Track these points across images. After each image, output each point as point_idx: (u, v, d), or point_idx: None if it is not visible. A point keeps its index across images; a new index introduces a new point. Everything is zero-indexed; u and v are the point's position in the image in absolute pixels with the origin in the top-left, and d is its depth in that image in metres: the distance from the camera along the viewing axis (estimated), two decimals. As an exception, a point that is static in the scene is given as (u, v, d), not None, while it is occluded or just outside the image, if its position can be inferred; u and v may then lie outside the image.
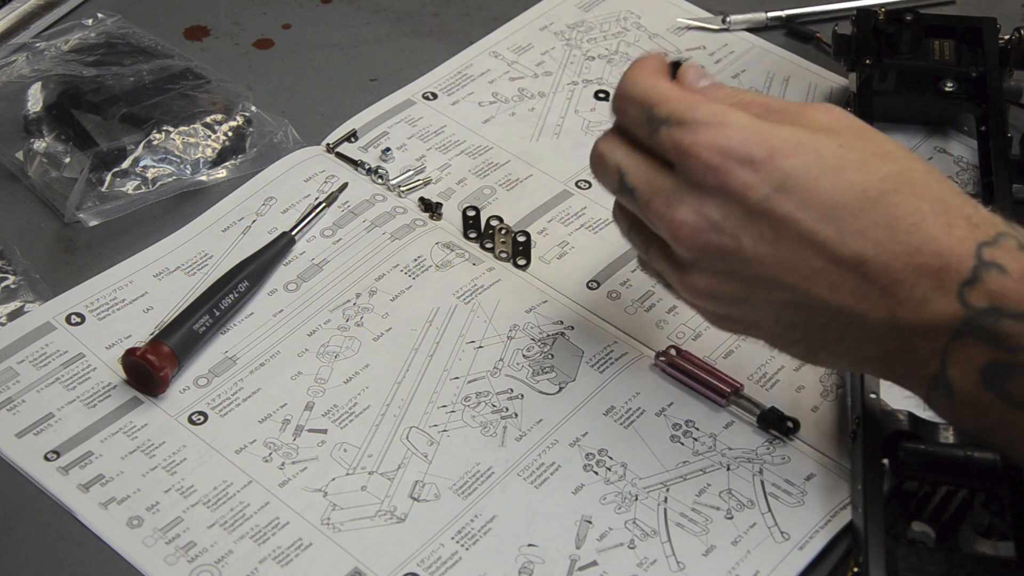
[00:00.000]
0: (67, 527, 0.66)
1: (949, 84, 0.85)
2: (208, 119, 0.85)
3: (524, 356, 0.74)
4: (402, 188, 0.84)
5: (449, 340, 0.75)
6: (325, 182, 0.84)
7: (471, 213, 0.80)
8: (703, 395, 0.72)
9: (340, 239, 0.81)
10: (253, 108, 0.86)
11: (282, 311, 0.76)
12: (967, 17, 0.88)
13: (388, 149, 0.86)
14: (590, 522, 0.67)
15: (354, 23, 0.97)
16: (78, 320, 0.75)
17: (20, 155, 0.84)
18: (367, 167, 0.85)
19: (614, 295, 0.78)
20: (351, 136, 0.87)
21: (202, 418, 0.71)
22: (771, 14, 0.96)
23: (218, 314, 0.74)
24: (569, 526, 0.66)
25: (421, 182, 0.84)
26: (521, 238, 0.79)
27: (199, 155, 0.84)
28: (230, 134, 0.85)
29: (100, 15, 0.92)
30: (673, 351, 0.74)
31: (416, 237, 0.81)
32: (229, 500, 0.67)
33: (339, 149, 0.86)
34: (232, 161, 0.85)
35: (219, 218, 0.82)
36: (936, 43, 0.86)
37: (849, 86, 0.87)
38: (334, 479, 0.68)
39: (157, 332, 0.73)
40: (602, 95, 0.90)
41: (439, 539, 0.66)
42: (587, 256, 0.80)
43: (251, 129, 0.86)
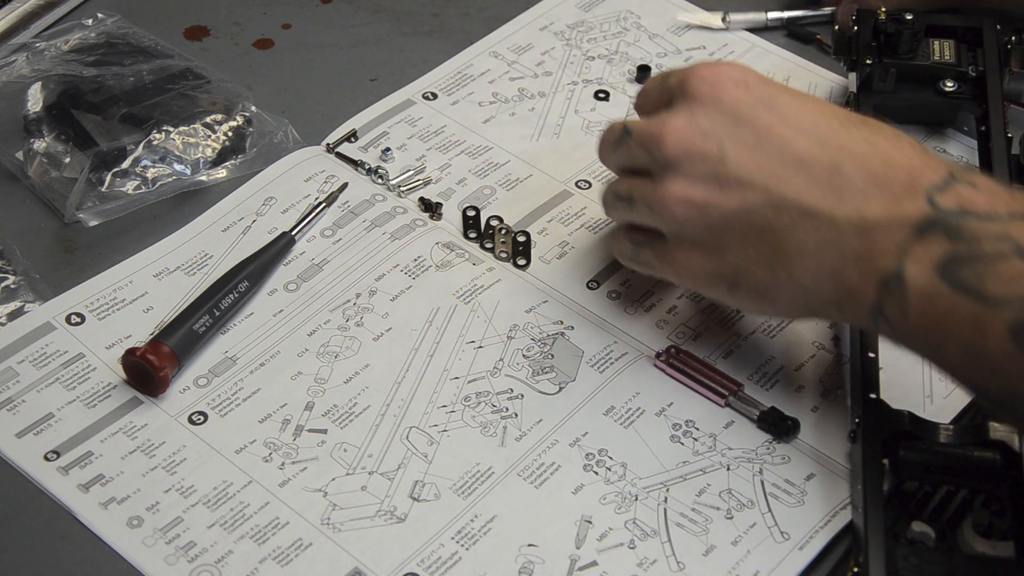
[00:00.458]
0: (67, 527, 0.66)
1: (949, 84, 0.85)
2: (208, 119, 0.85)
3: (524, 356, 0.74)
4: (402, 188, 0.84)
5: (449, 340, 0.75)
6: (325, 182, 0.84)
7: (471, 213, 0.80)
8: (703, 395, 0.72)
9: (340, 239, 0.81)
10: (253, 108, 0.86)
11: (282, 311, 0.76)
12: (967, 17, 0.88)
13: (388, 149, 0.86)
14: (590, 522, 0.67)
15: (354, 23, 0.97)
16: (78, 320, 0.75)
17: (20, 155, 0.84)
18: (367, 167, 0.85)
19: (614, 295, 0.78)
20: (351, 136, 0.87)
21: (202, 418, 0.71)
22: (772, 15, 0.96)
23: (218, 314, 0.74)
24: (569, 526, 0.66)
25: (421, 182, 0.84)
26: (521, 238, 0.79)
27: (199, 155, 0.84)
28: (230, 134, 0.85)
29: (100, 15, 0.92)
30: (673, 351, 0.74)
31: (416, 237, 0.81)
32: (229, 500, 0.67)
33: (339, 149, 0.86)
34: (232, 161, 0.85)
35: (219, 218, 0.82)
36: (936, 43, 0.86)
37: (849, 86, 0.87)
38: (334, 479, 0.68)
39: (157, 332, 0.73)
40: (602, 95, 0.90)
41: (439, 539, 0.66)
42: (587, 256, 0.80)
43: (251, 129, 0.86)
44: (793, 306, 0.65)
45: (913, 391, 0.72)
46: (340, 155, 0.86)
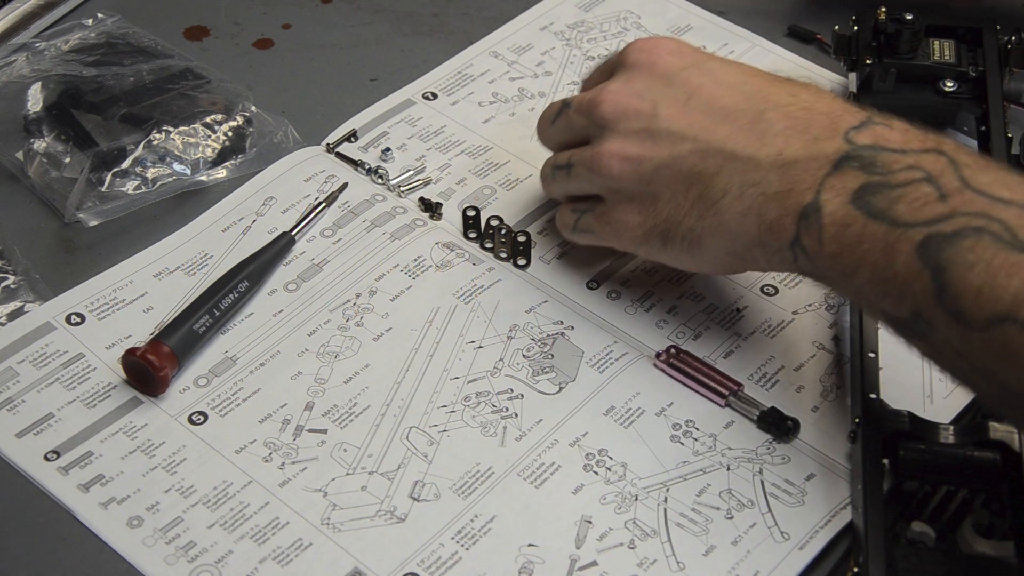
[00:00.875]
0: (67, 527, 0.66)
1: (949, 84, 0.85)
2: (208, 119, 0.85)
3: (524, 356, 0.74)
4: (402, 188, 0.84)
5: (449, 340, 0.75)
6: (325, 182, 0.84)
7: (471, 213, 0.80)
8: (703, 395, 0.72)
9: (340, 239, 0.81)
10: (253, 108, 0.86)
11: (282, 311, 0.76)
12: (967, 17, 0.88)
13: (388, 149, 0.86)
14: (590, 522, 0.67)
15: (354, 23, 0.97)
16: (78, 320, 0.75)
17: (20, 155, 0.84)
18: (367, 167, 0.85)
19: (614, 295, 0.78)
20: (351, 136, 0.87)
21: (202, 418, 0.71)
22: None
23: (218, 314, 0.74)
24: (569, 526, 0.66)
25: (421, 182, 0.84)
26: (521, 238, 0.79)
27: (199, 155, 0.84)
28: (230, 134, 0.85)
29: (100, 15, 0.92)
30: (673, 351, 0.74)
31: (416, 237, 0.81)
32: (229, 500, 0.67)
33: (339, 149, 0.86)
34: (232, 161, 0.85)
35: (219, 218, 0.82)
36: (936, 43, 0.86)
37: (849, 86, 0.87)
38: (334, 479, 0.68)
39: (157, 332, 0.73)
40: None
41: (439, 539, 0.66)
42: (587, 256, 0.80)
43: (251, 129, 0.86)
44: (720, 253, 0.68)
45: (913, 391, 0.72)
46: (340, 155, 0.86)
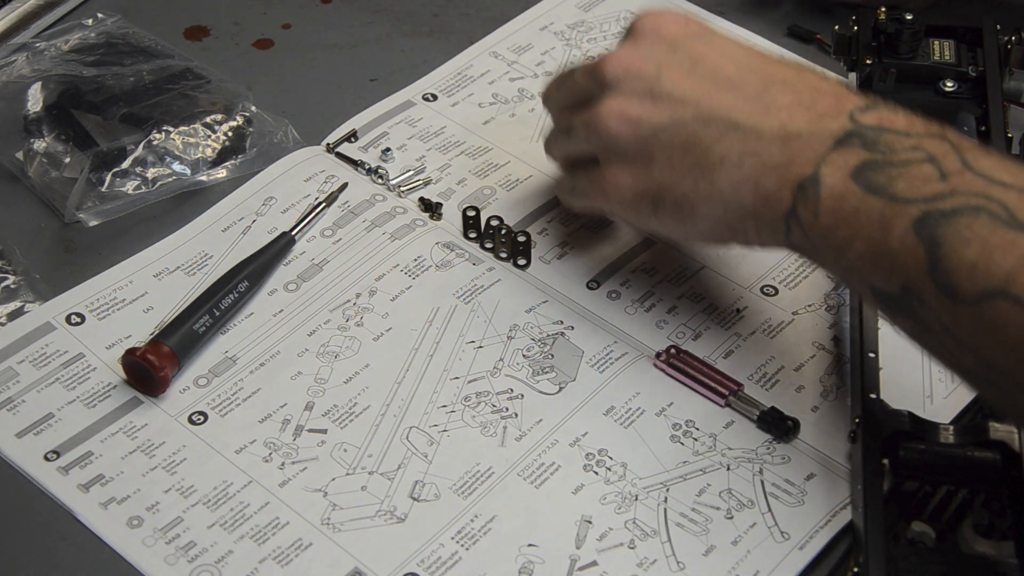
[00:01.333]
0: (67, 527, 0.66)
1: (949, 84, 0.85)
2: (208, 119, 0.85)
3: (524, 356, 0.74)
4: (402, 188, 0.84)
5: (449, 340, 0.75)
6: (325, 182, 0.84)
7: (471, 213, 0.80)
8: (703, 395, 0.72)
9: (340, 239, 0.81)
10: (253, 108, 0.86)
11: (282, 311, 0.76)
12: (967, 17, 0.88)
13: (388, 149, 0.86)
14: (590, 522, 0.67)
15: (354, 23, 0.97)
16: (78, 320, 0.75)
17: (20, 155, 0.84)
18: (367, 167, 0.85)
19: (614, 295, 0.78)
20: (351, 136, 0.87)
21: (202, 418, 0.71)
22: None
23: (218, 314, 0.74)
24: (569, 526, 0.66)
25: (421, 182, 0.84)
26: (521, 238, 0.79)
27: (199, 155, 0.84)
28: (230, 134, 0.85)
29: (100, 15, 0.92)
30: (673, 351, 0.74)
31: (416, 237, 0.81)
32: (229, 500, 0.67)
33: (339, 149, 0.86)
34: (232, 161, 0.85)
35: (219, 218, 0.82)
36: (936, 43, 0.86)
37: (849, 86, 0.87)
38: (334, 479, 0.68)
39: (157, 332, 0.73)
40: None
41: (439, 539, 0.66)
42: (587, 256, 0.80)
43: (251, 129, 0.86)
44: (712, 221, 0.68)
45: (913, 391, 0.72)
46: (340, 155, 0.86)
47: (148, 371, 0.70)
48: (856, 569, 0.61)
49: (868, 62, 0.85)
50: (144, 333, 0.75)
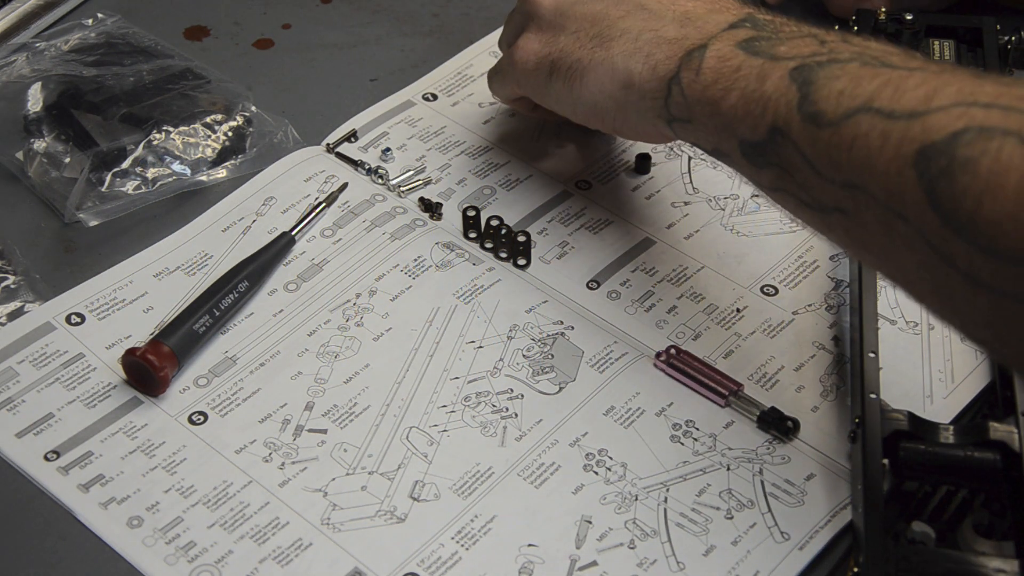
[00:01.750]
0: (67, 527, 0.66)
1: (949, 84, 0.84)
2: (208, 119, 0.85)
3: (524, 356, 0.74)
4: (402, 188, 0.84)
5: (449, 340, 0.75)
6: (325, 182, 0.84)
7: (471, 213, 0.80)
8: (703, 395, 0.72)
9: (340, 239, 0.81)
10: (253, 108, 0.86)
11: (282, 311, 0.76)
12: (967, 17, 0.88)
13: (388, 149, 0.86)
14: (590, 522, 0.67)
15: (354, 23, 0.97)
16: (78, 320, 0.75)
17: (20, 155, 0.84)
18: (367, 167, 0.85)
19: (614, 295, 0.78)
20: (351, 136, 0.87)
21: (202, 418, 0.71)
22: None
23: (218, 314, 0.74)
24: (569, 526, 0.66)
25: (421, 182, 0.84)
26: (521, 238, 0.79)
27: (199, 155, 0.84)
28: (230, 134, 0.85)
29: (100, 15, 0.92)
30: (673, 351, 0.74)
31: (416, 237, 0.81)
32: (229, 500, 0.67)
33: (339, 149, 0.86)
34: (232, 161, 0.85)
35: (219, 218, 0.82)
36: (936, 43, 0.86)
37: (849, 86, 0.87)
38: (334, 479, 0.68)
39: (157, 332, 0.73)
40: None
41: (439, 539, 0.66)
42: (587, 256, 0.80)
43: (251, 129, 0.86)
44: (595, 88, 0.73)
45: (913, 391, 0.72)
46: (340, 155, 0.86)
47: (148, 371, 0.70)
48: (856, 569, 0.61)
49: (868, 62, 0.85)
50: (144, 333, 0.75)
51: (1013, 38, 0.85)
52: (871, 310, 0.72)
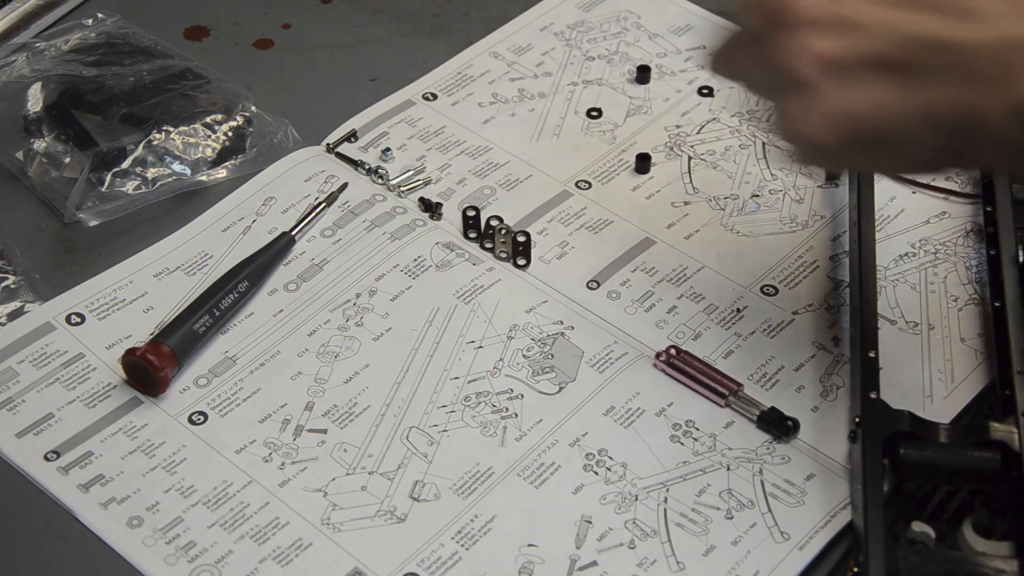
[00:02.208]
0: (67, 527, 0.66)
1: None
2: (208, 119, 0.85)
3: (524, 356, 0.74)
4: (402, 188, 0.84)
5: (449, 340, 0.75)
6: (325, 182, 0.84)
7: (471, 213, 0.80)
8: (703, 395, 0.72)
9: (340, 239, 0.81)
10: (253, 108, 0.86)
11: (282, 311, 0.76)
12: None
13: (388, 149, 0.86)
14: (590, 522, 0.67)
15: (354, 23, 0.97)
16: (78, 320, 0.75)
17: (20, 155, 0.84)
18: (367, 167, 0.85)
19: (614, 295, 0.78)
20: (351, 136, 0.87)
21: (202, 418, 0.71)
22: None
23: (218, 314, 0.74)
24: (569, 526, 0.66)
25: (421, 182, 0.84)
26: (521, 238, 0.79)
27: (199, 155, 0.84)
28: (230, 134, 0.85)
29: (100, 15, 0.92)
30: (673, 351, 0.74)
31: (416, 237, 0.81)
32: (229, 500, 0.67)
33: (339, 149, 0.86)
34: (232, 161, 0.85)
35: (219, 218, 0.82)
36: (936, 43, 0.86)
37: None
38: (334, 479, 0.68)
39: (157, 332, 0.73)
40: (594, 113, 0.89)
41: (439, 539, 0.66)
42: (587, 256, 0.80)
43: (251, 129, 0.86)
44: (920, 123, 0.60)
45: (913, 391, 0.72)
46: (340, 155, 0.86)
47: (148, 371, 0.70)
48: (856, 569, 0.61)
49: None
50: (144, 333, 0.75)
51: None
52: (871, 310, 0.72)
